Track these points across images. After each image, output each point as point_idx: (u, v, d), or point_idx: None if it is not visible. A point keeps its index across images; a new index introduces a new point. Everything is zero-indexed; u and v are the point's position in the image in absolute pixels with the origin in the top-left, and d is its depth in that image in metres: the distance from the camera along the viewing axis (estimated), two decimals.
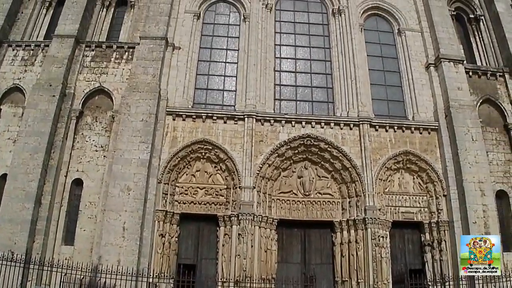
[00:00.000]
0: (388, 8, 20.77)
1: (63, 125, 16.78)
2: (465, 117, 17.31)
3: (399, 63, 19.62)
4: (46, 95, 16.79)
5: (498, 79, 19.55)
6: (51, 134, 16.27)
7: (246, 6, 19.91)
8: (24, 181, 15.28)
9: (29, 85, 17.57)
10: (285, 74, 19.22)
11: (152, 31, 18.35)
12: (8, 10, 19.42)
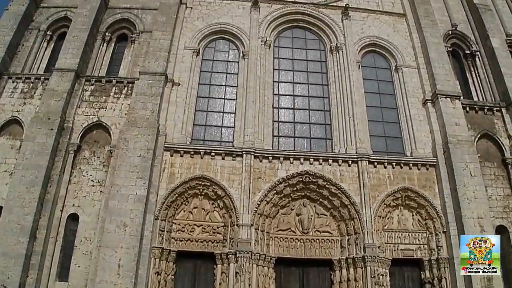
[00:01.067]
0: (385, 45, 22.12)
1: (61, 159, 17.38)
2: (463, 153, 18.02)
3: (397, 100, 20.69)
4: (45, 129, 17.47)
5: (495, 113, 20.50)
6: (48, 167, 16.83)
7: (245, 43, 21.20)
8: (19, 214, 15.70)
9: (27, 118, 18.30)
10: (284, 110, 20.16)
11: (152, 67, 19.38)
12: (9, 42, 20.44)
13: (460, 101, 19.86)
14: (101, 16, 22.18)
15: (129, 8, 22.81)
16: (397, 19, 23.30)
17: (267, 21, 22.04)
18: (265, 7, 22.50)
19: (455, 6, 24.91)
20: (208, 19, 22.03)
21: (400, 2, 24.04)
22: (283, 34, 22.48)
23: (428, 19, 22.66)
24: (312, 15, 22.72)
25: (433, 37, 21.88)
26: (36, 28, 21.99)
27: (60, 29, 22.46)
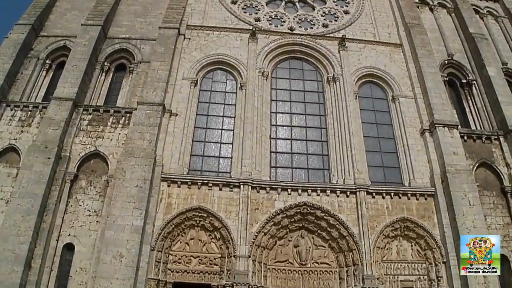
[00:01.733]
0: (381, 75, 22.93)
1: (57, 188, 17.70)
2: (461, 182, 18.42)
3: (394, 129, 21.28)
4: (42, 157, 17.85)
5: (493, 142, 21.07)
6: (45, 196, 17.11)
7: (242, 74, 21.99)
8: (14, 243, 15.88)
9: (25, 146, 18.73)
10: (281, 141, 20.75)
11: (150, 97, 20.01)
12: (8, 70, 21.18)
13: (457, 130, 20.43)
14: (100, 46, 23.02)
15: (128, 39, 23.69)
16: (394, 49, 24.24)
17: (264, 52, 22.95)
18: (263, 38, 23.48)
19: (451, 36, 26.03)
20: (206, 50, 22.90)
21: (397, 33, 25.09)
22: (281, 65, 23.37)
23: (425, 49, 23.53)
24: (309, 46, 23.68)
25: (429, 67, 22.65)
26: (35, 56, 22.80)
27: (59, 58, 23.27)
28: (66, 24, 24.53)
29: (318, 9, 26.47)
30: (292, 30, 24.58)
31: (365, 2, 26.88)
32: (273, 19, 25.38)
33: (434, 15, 27.26)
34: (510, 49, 26.43)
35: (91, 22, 23.30)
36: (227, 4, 25.62)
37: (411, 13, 25.77)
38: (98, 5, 24.61)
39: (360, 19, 25.73)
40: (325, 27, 25.10)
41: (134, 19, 24.82)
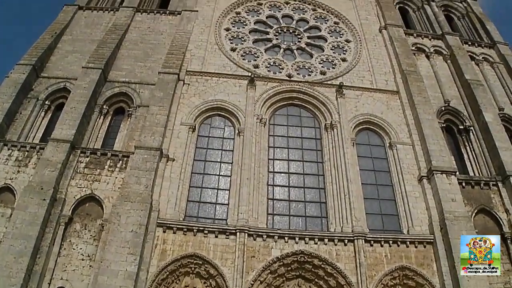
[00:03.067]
0: (379, 122, 23.62)
1: (51, 230, 17.87)
2: (460, 229, 18.54)
3: (392, 177, 21.70)
4: (37, 198, 18.10)
5: (491, 188, 21.45)
6: (38, 238, 17.25)
7: (240, 120, 22.67)
8: (6, 285, 15.81)
9: (20, 186, 19.04)
10: (278, 188, 21.13)
11: (147, 142, 20.48)
12: (7, 110, 21.87)
13: (456, 176, 20.80)
14: (99, 89, 23.79)
15: (128, 82, 24.53)
16: (391, 97, 25.08)
17: (262, 99, 23.77)
18: (261, 85, 24.37)
19: (447, 83, 27.00)
20: (204, 95, 23.72)
21: (393, 80, 26.03)
22: (279, 111, 24.16)
23: (421, 96, 24.31)
24: (307, 93, 24.56)
25: (426, 113, 23.36)
26: (35, 97, 23.55)
27: (59, 99, 24.06)
28: (67, 66, 25.45)
29: (316, 56, 27.64)
30: (290, 77, 25.58)
31: (362, 50, 28.09)
32: (272, 66, 26.52)
33: (431, 62, 28.37)
34: (506, 95, 27.41)
35: (91, 65, 24.22)
36: (227, 51, 26.80)
37: (408, 60, 26.81)
38: (100, 49, 25.69)
39: (358, 67, 26.82)
40: (323, 74, 26.17)
41: (134, 63, 25.78)
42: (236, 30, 29.06)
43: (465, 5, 35.20)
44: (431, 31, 31.28)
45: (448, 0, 35.41)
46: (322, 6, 31.91)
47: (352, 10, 31.63)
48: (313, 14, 31.49)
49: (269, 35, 29.08)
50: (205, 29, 28.13)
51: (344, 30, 30.09)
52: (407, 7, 34.35)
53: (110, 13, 29.90)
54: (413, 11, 34.09)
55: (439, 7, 34.04)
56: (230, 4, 30.84)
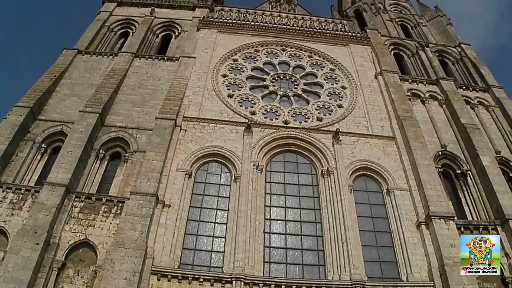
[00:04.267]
0: (376, 168, 24.00)
1: (44, 275, 17.79)
2: (460, 275, 18.28)
3: (390, 223, 21.88)
4: (30, 242, 18.11)
5: (490, 232, 21.41)
6: (30, 283, 17.14)
7: (237, 166, 23.06)
8: None
9: (14, 230, 19.08)
10: (275, 236, 21.25)
11: (143, 187, 20.72)
12: (3, 151, 22.18)
13: (454, 221, 20.94)
14: (96, 133, 24.22)
15: (125, 127, 25.03)
16: (387, 142, 25.62)
17: (259, 145, 24.28)
18: (258, 132, 24.97)
19: (443, 127, 27.62)
20: (201, 141, 24.24)
21: (389, 126, 26.65)
22: (275, 158, 24.63)
23: (418, 141, 24.80)
24: (304, 139, 25.10)
25: (423, 159, 23.75)
26: (32, 139, 23.95)
27: (55, 142, 24.47)
28: (64, 110, 25.99)
29: (313, 103, 28.45)
30: (286, 124, 26.25)
31: (358, 96, 28.95)
32: (268, 113, 27.25)
33: (426, 107, 29.11)
34: (502, 138, 27.96)
35: (89, 110, 24.73)
36: (224, 98, 27.61)
37: (403, 106, 27.51)
38: (98, 93, 26.34)
39: (354, 113, 27.58)
40: (319, 121, 26.88)
41: (132, 108, 26.38)
42: (234, 77, 30.04)
43: (459, 50, 36.41)
44: (426, 76, 32.23)
45: (442, 46, 36.76)
46: (318, 53, 33.16)
47: (347, 56, 32.83)
48: (310, 60, 32.65)
49: (266, 81, 30.06)
50: (203, 75, 29.02)
51: (340, 77, 31.09)
52: (402, 53, 35.53)
53: (109, 58, 30.82)
54: (408, 57, 35.21)
55: (434, 52, 35.26)
56: (228, 51, 32.05)
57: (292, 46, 33.80)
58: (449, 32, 39.25)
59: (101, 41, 33.48)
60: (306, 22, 36.84)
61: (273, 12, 38.45)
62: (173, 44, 33.76)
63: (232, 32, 34.17)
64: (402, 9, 43.54)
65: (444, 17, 41.54)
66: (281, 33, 34.57)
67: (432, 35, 39.15)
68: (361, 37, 34.91)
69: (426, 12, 43.38)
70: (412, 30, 39.86)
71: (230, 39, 33.38)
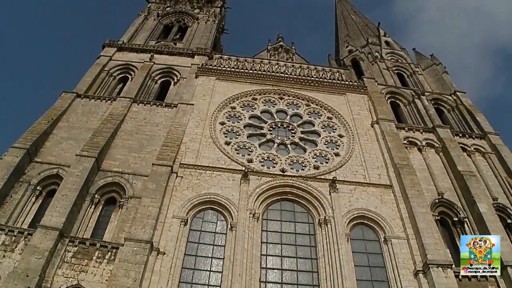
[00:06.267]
0: (373, 217, 24.44)
1: None
2: None
3: (387, 272, 22.11)
4: (21, 286, 18.24)
5: (488, 279, 21.27)
6: None
7: (233, 214, 23.46)
8: None
9: (5, 272, 19.20)
10: (271, 285, 21.38)
11: (138, 234, 20.99)
12: None
13: (452, 269, 21.04)
14: (92, 177, 24.69)
15: (121, 173, 25.51)
16: (384, 190, 26.16)
17: (256, 193, 24.79)
18: (255, 180, 25.53)
19: (440, 175, 28.25)
20: (198, 189, 24.73)
21: (386, 174, 27.28)
22: (272, 206, 25.09)
23: (414, 189, 25.34)
24: (301, 188, 25.65)
25: (420, 207, 24.21)
26: (27, 181, 24.37)
27: (50, 185, 24.88)
28: (61, 153, 26.53)
29: (310, 151, 29.22)
30: (283, 172, 26.86)
31: (355, 144, 29.76)
32: (265, 161, 27.90)
33: (423, 155, 29.83)
34: (499, 184, 28.48)
35: (85, 154, 25.24)
36: (221, 145, 28.34)
37: (400, 154, 28.24)
38: (95, 137, 26.95)
39: (351, 161, 28.28)
40: (316, 169, 27.54)
41: (128, 154, 26.94)
42: (231, 125, 30.93)
43: (455, 97, 37.59)
44: (422, 124, 33.17)
45: (438, 94, 38.02)
46: (315, 102, 34.27)
47: (344, 105, 33.91)
48: (307, 109, 33.71)
49: (263, 130, 30.95)
50: (200, 123, 29.86)
51: (337, 125, 32.05)
52: (398, 101, 36.68)
53: (108, 102, 31.69)
54: (404, 105, 36.31)
55: (429, 100, 36.37)
56: (226, 98, 33.09)
57: (289, 95, 34.93)
58: (445, 80, 40.59)
59: (100, 85, 34.41)
60: (304, 70, 38.21)
61: (271, 60, 39.78)
62: (171, 90, 34.75)
63: (230, 80, 35.35)
64: (399, 57, 45.17)
65: (439, 66, 43.00)
66: (279, 81, 35.78)
67: (428, 83, 40.60)
68: (358, 86, 36.13)
69: (422, 60, 44.94)
70: (408, 79, 41.24)
71: (228, 87, 34.50)
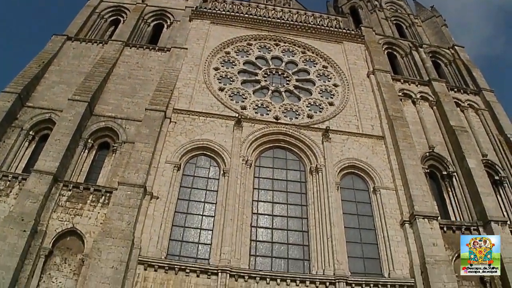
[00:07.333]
0: (363, 167, 25.10)
1: (31, 262, 18.37)
2: (440, 273, 19.75)
3: (375, 221, 23.01)
4: (17, 229, 18.62)
5: (472, 232, 22.69)
6: (17, 270, 17.72)
7: (226, 161, 23.91)
8: None
9: (0, 216, 19.54)
10: (262, 230, 22.22)
11: (131, 178, 21.40)
12: None
13: (437, 221, 22.09)
14: (85, 122, 24.78)
15: (114, 118, 25.63)
16: (376, 142, 26.73)
17: (249, 140, 25.14)
18: (248, 127, 25.82)
19: (432, 129, 28.80)
20: (191, 134, 25.00)
21: (379, 125, 27.73)
22: (265, 153, 25.53)
23: (406, 141, 25.89)
24: (294, 136, 26.04)
25: (410, 159, 24.83)
26: (19, 126, 24.40)
27: (43, 130, 24.98)
28: (53, 97, 26.44)
29: (304, 99, 29.41)
30: (277, 119, 27.12)
31: (349, 94, 29.95)
32: (259, 108, 28.08)
33: (417, 108, 30.23)
34: (490, 141, 29.23)
35: (78, 98, 25.18)
36: (215, 91, 28.37)
37: (394, 106, 28.55)
38: (87, 81, 26.76)
39: (345, 111, 28.59)
40: (310, 118, 27.84)
41: (121, 99, 26.93)
42: (225, 70, 30.80)
43: (453, 51, 37.62)
44: (418, 77, 33.29)
45: (435, 47, 37.96)
46: (311, 49, 34.14)
47: (341, 54, 33.84)
48: (303, 56, 33.62)
49: (257, 76, 30.91)
50: (194, 68, 29.72)
51: (332, 74, 32.09)
52: (395, 53, 36.61)
53: (99, 45, 31.27)
54: (401, 56, 36.28)
55: (427, 53, 36.36)
56: (220, 43, 32.81)
57: (285, 41, 34.72)
58: (444, 33, 40.46)
59: (91, 28, 33.87)
60: (301, 16, 37.71)
61: (267, 5, 39.11)
62: (164, 33, 34.29)
63: (225, 24, 34.93)
64: (398, 7, 44.61)
65: (439, 18, 42.72)
66: (275, 27, 35.43)
67: (426, 36, 40.34)
68: (356, 35, 35.93)
69: (421, 11, 44.51)
70: (406, 30, 40.93)
71: (223, 31, 34.14)
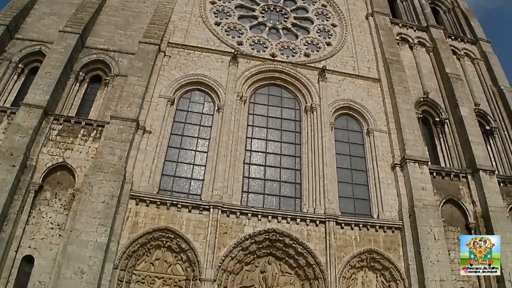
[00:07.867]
0: (358, 108, 24.51)
1: (20, 197, 17.89)
2: (428, 217, 19.87)
3: (367, 162, 22.76)
4: (6, 164, 18.04)
5: (461, 180, 22.77)
6: (6, 205, 17.24)
7: (221, 96, 23.05)
8: None
9: None
10: (255, 167, 21.78)
11: (124, 112, 20.64)
12: None
13: (427, 166, 21.98)
14: (76, 54, 23.55)
15: (106, 50, 24.39)
16: (372, 84, 26.00)
17: (244, 76, 24.21)
18: (244, 63, 24.79)
19: (428, 74, 28.13)
20: (185, 69, 23.92)
21: (376, 68, 26.90)
22: (260, 90, 24.69)
23: (402, 85, 25.27)
24: (290, 74, 25.13)
25: (405, 103, 24.34)
26: (8, 59, 23.14)
27: (33, 63, 23.72)
28: (43, 29, 24.96)
29: (301, 38, 28.12)
30: (273, 57, 26.02)
31: (347, 35, 28.77)
32: (256, 44, 26.80)
33: (413, 53, 29.38)
34: (483, 91, 28.76)
35: (69, 29, 23.84)
36: (211, 25, 26.96)
37: (391, 49, 27.64)
38: (78, 13, 25.26)
39: (342, 52, 27.53)
40: (306, 57, 26.73)
41: (114, 31, 25.59)
42: (222, 4, 29.15)
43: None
44: (416, 22, 32.13)
45: None
46: None
47: None
48: None
49: (255, 12, 29.39)
50: (190, 0, 28.11)
51: (331, 14, 30.63)
52: None
53: None
54: (401, 0, 34.79)
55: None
56: None
57: None
58: None
59: None
60: None
61: None
62: None
63: None
64: None
65: None
66: None
67: None
68: None
69: None
70: None
71: None
